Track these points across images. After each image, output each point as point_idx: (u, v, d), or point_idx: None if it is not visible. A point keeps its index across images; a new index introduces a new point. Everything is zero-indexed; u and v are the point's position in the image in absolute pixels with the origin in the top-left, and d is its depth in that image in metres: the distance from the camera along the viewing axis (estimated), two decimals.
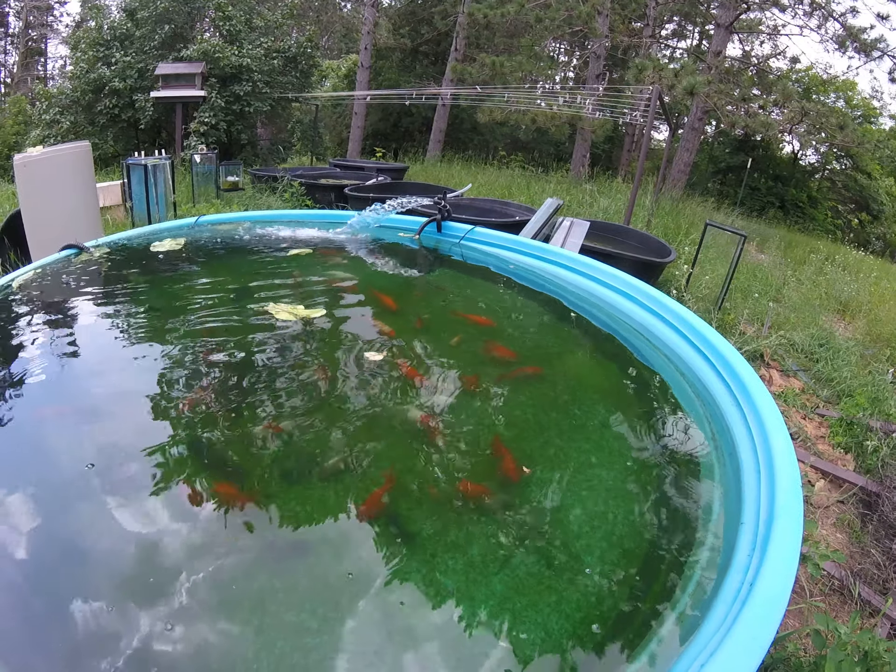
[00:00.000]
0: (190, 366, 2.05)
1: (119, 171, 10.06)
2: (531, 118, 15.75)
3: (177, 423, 1.72)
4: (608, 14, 17.09)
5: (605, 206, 11.30)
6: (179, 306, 2.54)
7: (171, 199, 8.01)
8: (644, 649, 1.15)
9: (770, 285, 8.43)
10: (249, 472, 1.57)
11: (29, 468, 1.55)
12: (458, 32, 19.02)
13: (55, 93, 15.03)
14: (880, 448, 4.15)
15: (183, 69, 13.77)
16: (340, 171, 13.20)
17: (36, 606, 1.21)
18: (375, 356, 2.15)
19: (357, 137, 19.68)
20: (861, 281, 9.87)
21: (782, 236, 14.07)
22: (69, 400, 1.89)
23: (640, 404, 2.08)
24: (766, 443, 1.53)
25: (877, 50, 15.20)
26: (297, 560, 1.37)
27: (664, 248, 7.39)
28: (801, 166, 25.20)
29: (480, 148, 22.69)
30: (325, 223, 3.76)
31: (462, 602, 1.26)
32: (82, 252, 2.95)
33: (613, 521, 1.49)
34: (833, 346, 6.16)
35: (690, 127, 18.36)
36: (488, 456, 1.70)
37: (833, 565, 3.16)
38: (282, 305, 2.45)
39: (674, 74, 13.19)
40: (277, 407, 1.83)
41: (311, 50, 16.83)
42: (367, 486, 1.55)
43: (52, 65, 31.94)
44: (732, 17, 16.37)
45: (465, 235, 3.44)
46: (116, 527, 1.38)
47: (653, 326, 2.42)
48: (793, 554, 1.18)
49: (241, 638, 1.16)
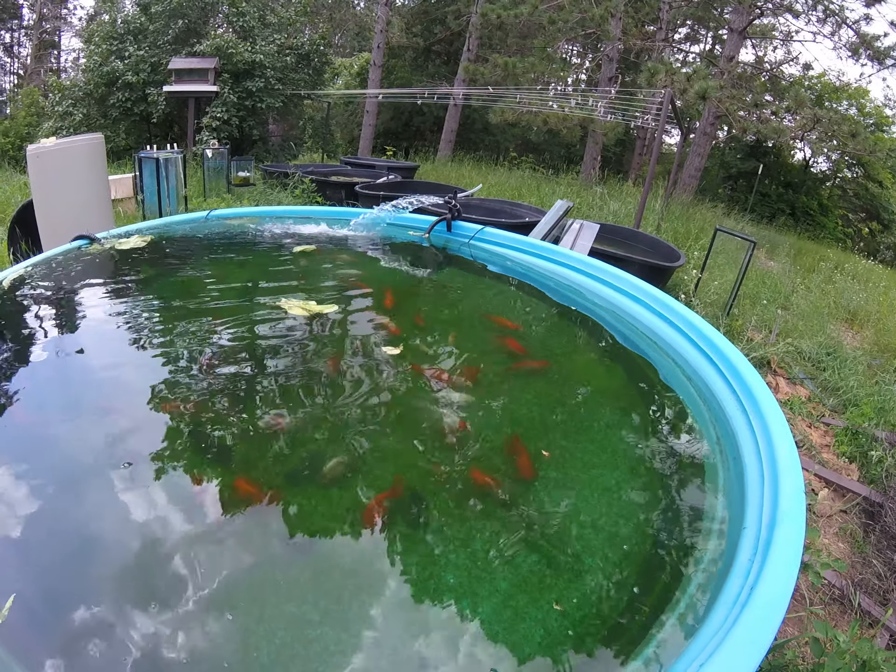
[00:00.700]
0: (206, 361, 2.06)
1: (131, 164, 10.11)
2: (543, 120, 15.75)
3: (188, 417, 1.74)
4: (621, 17, 17.05)
5: (615, 209, 11.28)
6: (190, 302, 2.56)
7: (182, 192, 8.05)
8: (644, 649, 1.16)
9: (779, 292, 8.41)
10: (269, 468, 1.58)
11: (32, 458, 1.57)
12: (470, 32, 19.02)
13: (68, 85, 15.12)
14: (885, 459, 4.14)
15: (196, 64, 13.83)
16: (351, 168, 13.24)
17: (54, 587, 1.23)
18: (392, 350, 2.18)
19: (368, 135, 19.70)
20: (870, 290, 9.82)
21: (792, 244, 14.02)
22: (77, 393, 1.91)
23: (646, 407, 2.08)
24: (770, 449, 1.54)
25: (890, 58, 15.13)
26: (302, 553, 1.38)
27: (673, 252, 7.38)
28: (813, 173, 25.08)
29: (491, 148, 22.68)
30: (336, 220, 3.77)
31: (465, 598, 1.27)
32: (93, 243, 2.97)
33: (616, 523, 1.50)
34: (840, 355, 6.14)
35: (702, 132, 18.30)
36: (498, 454, 1.71)
37: (834, 574, 3.16)
38: (293, 301, 2.47)
39: (686, 79, 13.17)
40: (294, 400, 1.85)
41: (323, 47, 16.87)
42: (376, 482, 1.56)
43: (66, 57, 32.03)
44: (746, 23, 16.32)
45: (474, 235, 3.45)
46: (121, 518, 1.39)
47: (660, 330, 2.42)
48: (794, 559, 1.19)
49: (244, 629, 1.18)
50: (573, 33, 18.84)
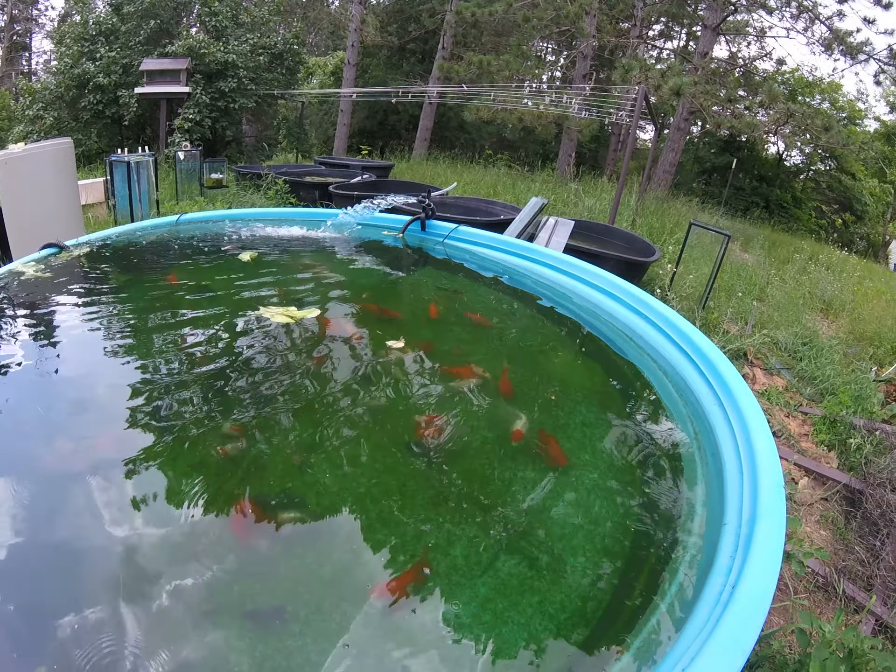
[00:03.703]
0: (190, 370, 2.01)
1: (102, 167, 9.96)
2: (518, 117, 15.79)
3: (178, 426, 1.69)
4: (595, 14, 17.15)
5: (590, 205, 11.34)
6: (161, 312, 2.48)
7: (154, 196, 7.94)
8: (625, 653, 1.14)
9: (754, 284, 8.50)
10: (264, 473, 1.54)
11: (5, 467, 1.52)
12: (445, 31, 19.03)
13: (39, 88, 14.85)
14: (863, 445, 4.18)
15: (168, 65, 13.68)
16: (325, 168, 13.17)
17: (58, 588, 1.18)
18: (397, 344, 2.18)
19: (343, 135, 19.62)
20: (844, 280, 9.98)
21: (766, 236, 14.20)
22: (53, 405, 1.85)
23: (623, 403, 2.07)
24: (748, 442, 1.53)
25: (863, 53, 15.36)
26: (282, 559, 1.34)
27: (649, 247, 7.43)
28: (786, 167, 25.44)
29: (467, 146, 22.69)
30: (309, 221, 3.72)
31: (446, 603, 1.24)
32: (63, 251, 2.90)
33: (595, 522, 1.48)
34: (816, 344, 6.21)
35: (676, 127, 18.47)
36: (476, 453, 1.69)
37: (817, 562, 3.18)
38: (273, 308, 2.40)
39: (660, 75, 13.27)
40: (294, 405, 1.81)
41: (297, 47, 16.79)
42: (353, 489, 1.53)
43: (37, 60, 31.52)
44: (720, 19, 16.48)
45: (449, 234, 3.42)
46: (99, 526, 1.35)
47: (636, 326, 2.41)
48: (775, 556, 1.17)
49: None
50: (548, 31, 18.96)
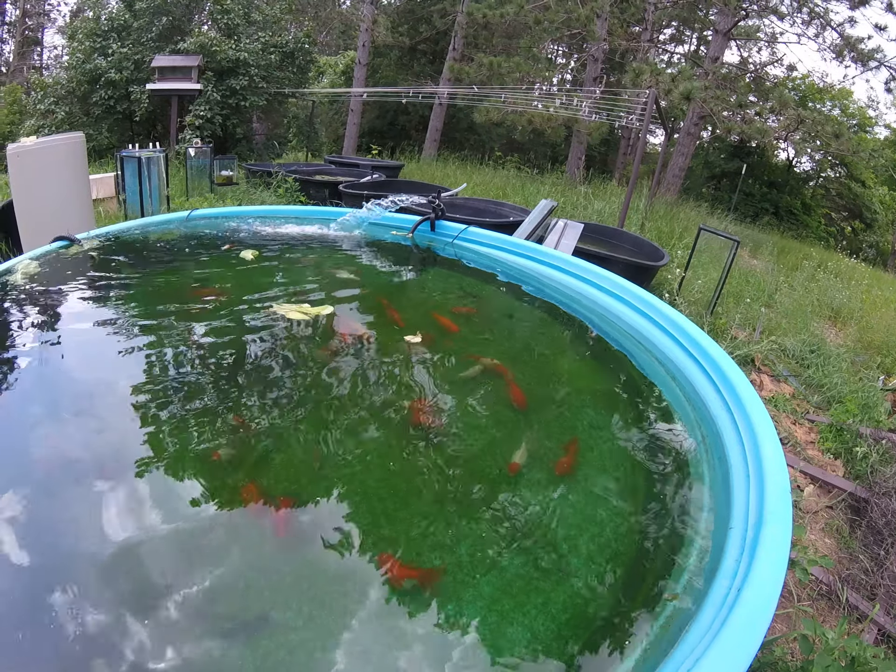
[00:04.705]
0: (209, 369, 2.02)
1: (113, 162, 10.00)
2: (528, 119, 15.78)
3: (196, 424, 1.70)
4: (607, 18, 17.14)
5: (599, 208, 11.33)
6: (173, 307, 2.49)
7: (164, 192, 7.98)
8: (630, 654, 1.14)
9: (762, 291, 8.46)
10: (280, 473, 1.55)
11: (16, 464, 1.53)
12: (456, 32, 19.02)
13: (51, 83, 14.92)
14: (870, 454, 4.17)
15: (179, 62, 13.72)
16: (335, 167, 13.19)
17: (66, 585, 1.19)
18: (414, 339, 2.21)
19: (353, 134, 19.65)
20: (853, 288, 9.92)
21: (775, 242, 14.13)
22: (62, 399, 1.86)
23: (631, 407, 2.07)
24: (755, 448, 1.53)
25: (874, 60, 15.33)
26: (284, 557, 1.35)
27: (657, 251, 7.42)
28: (796, 173, 25.33)
29: (476, 148, 22.70)
30: (319, 219, 3.73)
31: (449, 603, 1.25)
32: (73, 244, 2.91)
33: (601, 524, 1.48)
34: (824, 352, 6.19)
35: (686, 132, 18.43)
36: (478, 455, 1.69)
37: (821, 570, 3.17)
38: (286, 306, 2.41)
39: (671, 79, 13.25)
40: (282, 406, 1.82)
41: (308, 46, 16.81)
42: (358, 487, 1.54)
43: (49, 54, 31.68)
44: (731, 24, 16.45)
45: (458, 235, 3.43)
46: (116, 525, 1.35)
47: (644, 329, 2.41)
48: (781, 560, 1.17)
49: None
50: (558, 33, 18.93)
